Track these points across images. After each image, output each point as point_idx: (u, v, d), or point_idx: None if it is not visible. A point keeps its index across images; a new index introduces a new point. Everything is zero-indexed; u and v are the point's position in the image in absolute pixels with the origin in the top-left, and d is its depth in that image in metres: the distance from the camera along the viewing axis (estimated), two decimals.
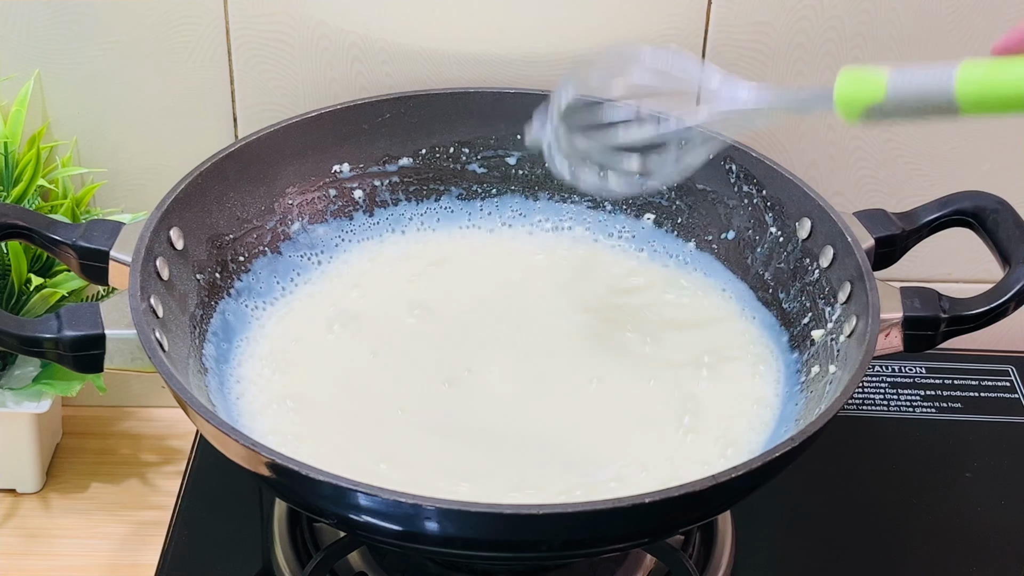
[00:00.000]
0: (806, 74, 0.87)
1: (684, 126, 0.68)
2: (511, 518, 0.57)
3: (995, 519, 0.85)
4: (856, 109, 0.62)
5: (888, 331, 0.69)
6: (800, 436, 0.61)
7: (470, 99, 0.85)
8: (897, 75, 0.61)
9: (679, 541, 0.79)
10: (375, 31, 0.85)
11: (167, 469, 0.91)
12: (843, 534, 0.83)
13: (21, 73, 0.84)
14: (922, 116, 0.61)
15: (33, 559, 0.84)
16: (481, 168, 0.86)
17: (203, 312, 0.74)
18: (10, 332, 0.65)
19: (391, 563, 0.78)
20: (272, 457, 0.58)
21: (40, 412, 0.84)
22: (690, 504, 0.60)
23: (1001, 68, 0.59)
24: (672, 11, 0.85)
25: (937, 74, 0.60)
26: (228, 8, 0.83)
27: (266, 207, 0.81)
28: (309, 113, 0.82)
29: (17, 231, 0.71)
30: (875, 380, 0.95)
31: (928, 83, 0.60)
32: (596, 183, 0.71)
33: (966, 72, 0.59)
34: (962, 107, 0.59)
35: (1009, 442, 0.91)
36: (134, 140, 0.88)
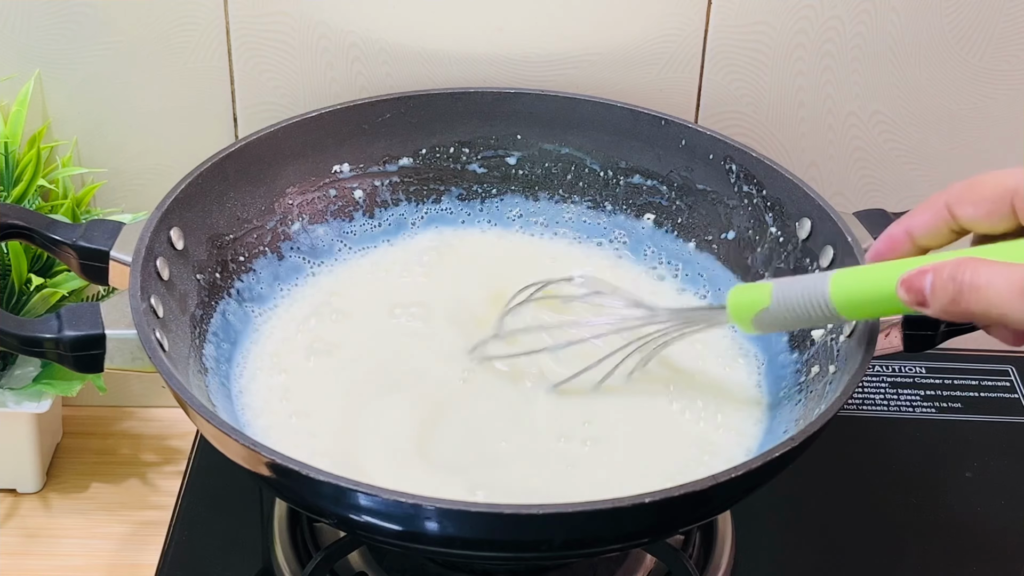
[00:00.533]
0: (806, 74, 0.87)
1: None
2: (511, 518, 0.57)
3: (995, 519, 0.85)
4: (747, 316, 0.66)
5: (888, 331, 0.69)
6: (800, 436, 0.61)
7: (470, 99, 0.85)
8: (780, 283, 0.65)
9: (679, 541, 0.79)
10: (375, 31, 0.85)
11: (167, 469, 0.91)
12: (843, 534, 0.83)
13: (21, 73, 0.84)
14: (812, 323, 0.65)
15: (33, 559, 0.84)
16: (481, 168, 0.86)
17: (203, 312, 0.74)
18: (10, 332, 0.65)
19: (391, 563, 0.78)
20: (272, 457, 0.58)
21: (40, 412, 0.84)
22: (690, 504, 0.60)
23: (867, 274, 0.62)
24: (672, 11, 0.85)
25: (814, 280, 0.63)
26: (228, 8, 0.83)
27: (266, 207, 0.81)
28: (309, 113, 0.82)
29: (17, 231, 0.71)
30: (875, 380, 0.95)
31: (807, 289, 0.63)
32: None
33: (837, 280, 0.62)
34: (840, 311, 0.62)
35: (1009, 442, 0.91)
36: (134, 140, 0.88)
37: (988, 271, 0.56)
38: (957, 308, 0.57)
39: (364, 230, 0.84)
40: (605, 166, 0.85)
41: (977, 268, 0.56)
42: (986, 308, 0.55)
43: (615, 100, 0.84)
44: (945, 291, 0.57)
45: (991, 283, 0.55)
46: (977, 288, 0.56)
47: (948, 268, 0.57)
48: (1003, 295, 0.55)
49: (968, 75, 0.87)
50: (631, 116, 0.84)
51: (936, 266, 0.58)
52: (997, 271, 0.55)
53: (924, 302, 0.58)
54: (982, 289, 0.55)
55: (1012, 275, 0.55)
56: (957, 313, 0.57)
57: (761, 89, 0.88)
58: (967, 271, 0.56)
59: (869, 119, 0.89)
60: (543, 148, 0.86)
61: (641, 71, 0.87)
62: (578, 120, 0.85)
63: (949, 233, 0.61)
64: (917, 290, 0.58)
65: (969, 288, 0.56)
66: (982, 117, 0.89)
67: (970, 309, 0.56)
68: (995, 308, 0.55)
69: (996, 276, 0.55)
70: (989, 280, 0.55)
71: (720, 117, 0.89)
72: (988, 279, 0.55)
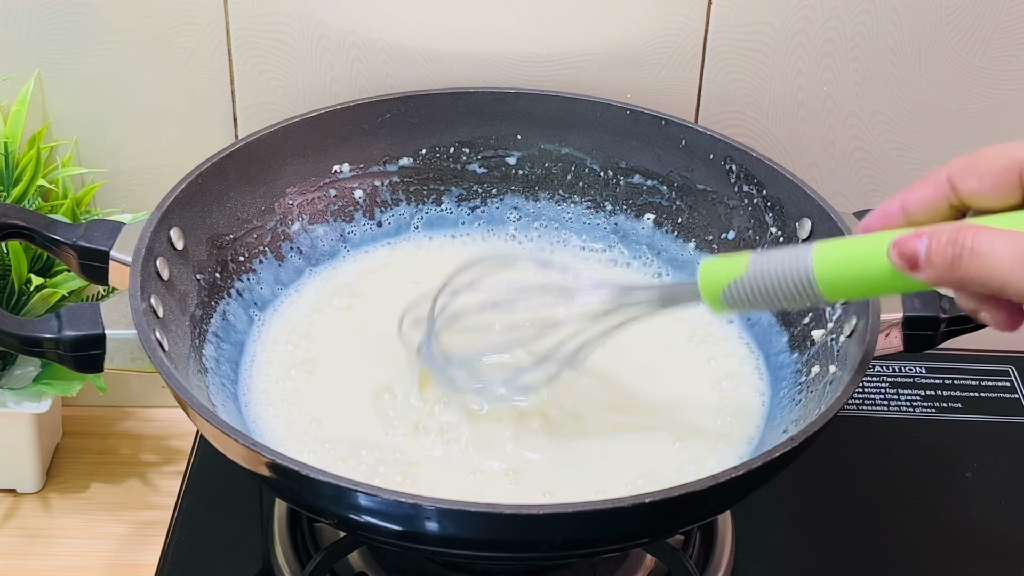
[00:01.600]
0: (806, 74, 0.87)
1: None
2: (511, 518, 0.57)
3: (995, 519, 0.85)
4: (718, 288, 0.61)
5: (888, 331, 0.69)
6: (800, 436, 0.61)
7: (470, 99, 0.85)
8: (758, 254, 0.60)
9: (679, 541, 0.79)
10: (375, 31, 0.85)
11: (167, 469, 0.91)
12: (843, 534, 0.83)
13: (21, 73, 0.84)
14: (790, 301, 0.59)
15: (33, 559, 0.84)
16: (481, 168, 0.86)
17: (203, 312, 0.74)
18: (10, 332, 0.65)
19: (391, 563, 0.78)
20: (272, 457, 0.58)
21: (40, 412, 0.84)
22: (690, 504, 0.60)
23: (854, 245, 0.58)
24: (672, 11, 0.85)
25: (796, 251, 0.59)
26: (228, 8, 0.83)
27: (266, 207, 0.81)
28: (309, 113, 0.82)
29: (17, 231, 0.71)
30: (875, 380, 0.95)
31: (786, 260, 0.59)
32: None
33: (821, 250, 0.58)
34: (821, 286, 0.58)
35: (1009, 442, 0.91)
36: (134, 140, 0.88)
37: (991, 236, 0.53)
38: (954, 274, 0.54)
39: (364, 230, 0.84)
40: (605, 166, 0.85)
41: (979, 233, 0.53)
42: (987, 275, 0.53)
43: (615, 100, 0.84)
44: (943, 255, 0.54)
45: (993, 249, 0.53)
46: (979, 253, 0.53)
47: (948, 232, 0.54)
48: (1005, 262, 0.52)
49: (968, 75, 0.87)
50: (631, 116, 0.84)
51: (933, 229, 0.55)
52: (1001, 237, 0.53)
53: (917, 265, 0.55)
54: (984, 255, 0.53)
55: (1016, 242, 0.52)
56: (953, 280, 0.54)
57: (761, 89, 0.88)
58: (968, 235, 0.53)
59: (869, 119, 0.89)
60: (543, 148, 0.86)
61: (641, 71, 0.87)
62: (578, 120, 0.85)
63: (948, 209, 0.58)
64: (910, 253, 0.55)
65: (970, 253, 0.53)
66: (982, 117, 0.89)
67: (968, 276, 0.53)
68: (996, 276, 0.52)
69: (999, 242, 0.53)
70: (992, 246, 0.53)
71: (720, 117, 0.89)
72: (991, 245, 0.53)
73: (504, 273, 0.70)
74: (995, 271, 0.53)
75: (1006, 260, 0.52)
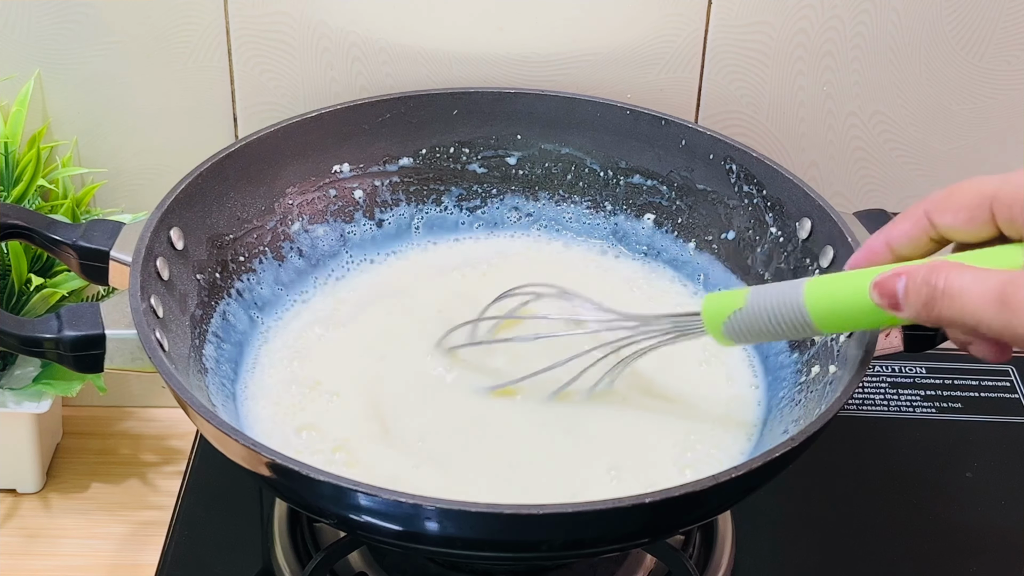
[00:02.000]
0: (806, 74, 0.87)
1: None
2: (511, 518, 0.57)
3: (995, 519, 0.85)
4: (720, 320, 0.64)
5: (888, 331, 0.69)
6: (800, 436, 0.61)
7: (470, 99, 0.85)
8: (757, 288, 0.63)
9: (679, 541, 0.79)
10: (375, 31, 0.85)
11: (167, 469, 0.91)
12: (843, 534, 0.83)
13: (21, 73, 0.84)
14: (787, 333, 0.62)
15: (33, 559, 0.84)
16: (481, 168, 0.86)
17: (203, 312, 0.74)
18: (10, 332, 0.65)
19: (391, 563, 0.78)
20: (272, 457, 0.58)
21: (40, 412, 0.84)
22: (690, 504, 0.60)
23: (841, 281, 0.60)
24: (672, 11, 0.85)
25: (790, 286, 0.62)
26: (228, 8, 0.83)
27: (266, 207, 0.81)
28: (309, 113, 0.82)
29: (17, 231, 0.71)
30: (875, 380, 0.95)
31: (782, 294, 0.62)
32: None
33: (812, 286, 0.61)
34: (814, 319, 0.61)
35: (1009, 442, 0.91)
36: (134, 140, 0.88)
37: (962, 276, 0.54)
38: (930, 313, 0.55)
39: (364, 231, 0.84)
40: (605, 166, 0.85)
41: (951, 273, 0.55)
42: (960, 315, 0.54)
43: (615, 100, 0.84)
44: (918, 295, 0.55)
45: (965, 289, 0.54)
46: (951, 294, 0.54)
47: (923, 272, 0.56)
48: (977, 302, 0.53)
49: (968, 75, 0.87)
50: (631, 116, 0.84)
51: (910, 269, 0.56)
52: (972, 276, 0.54)
53: (897, 305, 0.57)
54: (956, 295, 0.54)
55: (987, 281, 0.53)
56: (930, 319, 0.56)
57: (761, 89, 0.88)
58: (942, 276, 0.55)
59: (869, 119, 0.89)
60: (543, 148, 0.86)
61: (641, 71, 0.87)
62: (578, 120, 0.85)
63: (929, 242, 0.60)
64: (890, 292, 0.57)
65: (943, 293, 0.54)
66: (982, 117, 0.89)
67: (943, 315, 0.55)
68: (969, 315, 0.54)
69: (971, 282, 0.54)
70: (963, 285, 0.54)
71: (720, 117, 0.89)
72: (962, 284, 0.54)
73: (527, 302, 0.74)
74: (967, 310, 0.54)
75: (977, 299, 0.53)
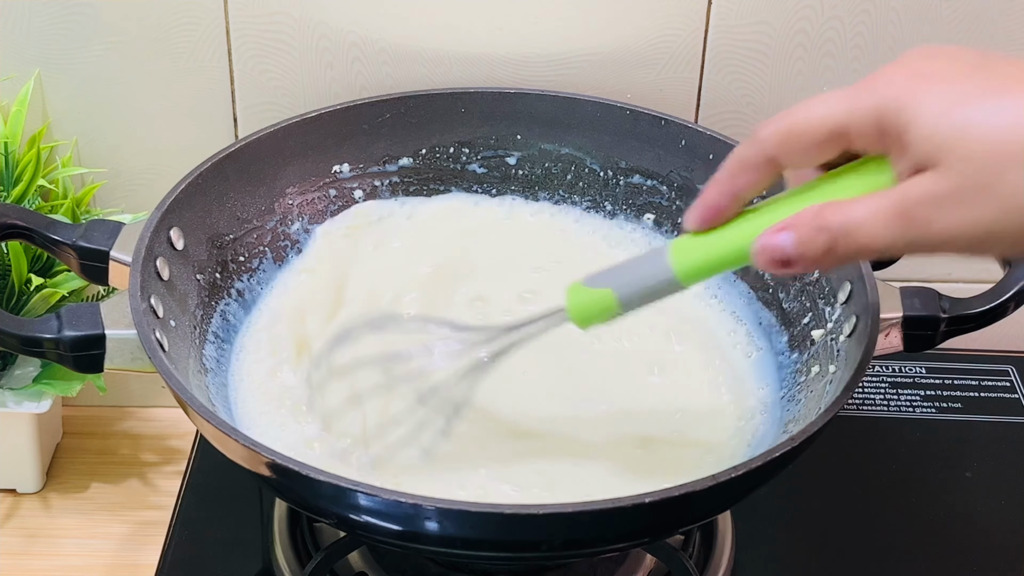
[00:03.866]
0: (806, 74, 0.87)
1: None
2: (511, 518, 0.57)
3: (995, 519, 0.85)
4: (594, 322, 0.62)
5: (888, 331, 0.69)
6: (800, 436, 0.61)
7: (470, 99, 0.85)
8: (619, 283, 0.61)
9: (679, 541, 0.79)
10: (375, 31, 0.85)
11: (167, 469, 0.91)
12: (843, 534, 0.83)
13: (21, 73, 0.84)
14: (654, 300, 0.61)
15: (33, 559, 0.84)
16: (481, 168, 0.86)
17: (203, 312, 0.74)
18: (10, 332, 0.65)
19: (391, 563, 0.78)
20: (272, 457, 0.58)
21: (40, 412, 0.84)
22: (690, 504, 0.60)
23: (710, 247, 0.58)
24: (672, 11, 0.85)
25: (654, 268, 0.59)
26: (228, 8, 0.83)
27: (266, 207, 0.81)
28: (309, 113, 0.82)
29: (17, 231, 0.71)
30: (875, 380, 0.95)
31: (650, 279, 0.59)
32: None
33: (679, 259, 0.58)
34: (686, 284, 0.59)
35: (1009, 442, 0.91)
36: (134, 140, 0.88)
37: (854, 210, 0.51)
38: (832, 258, 0.52)
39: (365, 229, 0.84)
40: (605, 166, 0.85)
41: (840, 212, 0.51)
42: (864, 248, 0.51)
43: (615, 100, 0.84)
44: (814, 244, 0.52)
45: (863, 221, 0.51)
46: (850, 231, 0.51)
47: (809, 219, 0.52)
48: (879, 230, 0.50)
49: None
50: (631, 116, 0.84)
51: (791, 222, 0.53)
52: (864, 207, 0.51)
53: (789, 262, 0.53)
54: (855, 231, 0.51)
55: (881, 205, 0.50)
56: (829, 264, 0.53)
57: (761, 89, 0.88)
58: (832, 218, 0.52)
59: None
60: (543, 148, 0.86)
61: (641, 71, 0.87)
62: (578, 120, 0.85)
63: (773, 180, 0.56)
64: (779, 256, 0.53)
65: (843, 235, 0.51)
66: None
67: (846, 255, 0.52)
68: (875, 245, 0.51)
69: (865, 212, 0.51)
70: (859, 218, 0.51)
71: (720, 117, 0.89)
72: (858, 218, 0.51)
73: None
74: (870, 241, 0.51)
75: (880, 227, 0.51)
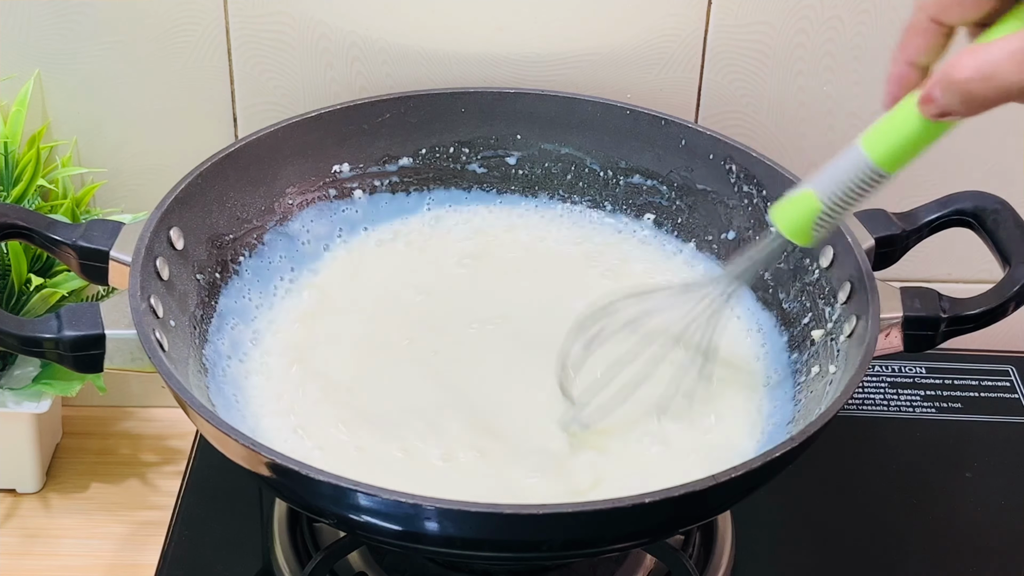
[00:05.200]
0: (806, 74, 0.87)
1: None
2: (511, 518, 0.57)
3: (995, 519, 0.85)
4: (807, 230, 0.64)
5: (888, 331, 0.69)
6: (800, 436, 0.61)
7: (470, 99, 0.85)
8: (819, 182, 0.63)
9: (679, 541, 0.79)
10: (375, 31, 0.85)
11: (167, 469, 0.91)
12: (843, 534, 0.83)
13: (21, 73, 0.84)
14: (862, 199, 0.63)
15: (33, 559, 0.84)
16: (481, 168, 0.86)
17: (203, 312, 0.74)
18: (10, 332, 0.65)
19: (391, 563, 0.78)
20: (272, 457, 0.58)
21: (40, 412, 0.84)
22: (690, 504, 0.60)
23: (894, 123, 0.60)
24: (672, 11, 0.85)
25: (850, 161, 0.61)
26: (228, 8, 0.83)
27: (266, 207, 0.81)
28: (309, 113, 0.82)
29: (17, 231, 0.71)
30: (875, 380, 0.95)
31: (848, 171, 0.62)
32: None
33: (871, 145, 0.61)
34: (887, 170, 0.61)
35: (1009, 442, 0.91)
36: (134, 140, 0.88)
37: (987, 53, 0.54)
38: (979, 101, 0.55)
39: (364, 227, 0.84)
40: (605, 166, 0.85)
41: (970, 57, 0.54)
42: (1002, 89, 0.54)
43: (615, 100, 0.84)
44: (958, 92, 0.55)
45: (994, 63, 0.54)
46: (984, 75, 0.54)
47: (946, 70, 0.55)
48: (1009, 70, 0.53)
49: None
50: (631, 116, 0.84)
51: (938, 77, 0.56)
52: (996, 50, 0.54)
53: (948, 112, 0.57)
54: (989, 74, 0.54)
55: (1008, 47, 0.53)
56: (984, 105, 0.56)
57: (761, 89, 0.88)
58: (965, 66, 0.54)
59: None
60: (543, 148, 0.86)
61: (641, 71, 0.87)
62: (578, 120, 0.85)
63: (945, 40, 0.59)
64: (937, 107, 0.57)
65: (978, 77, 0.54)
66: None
67: (988, 97, 0.55)
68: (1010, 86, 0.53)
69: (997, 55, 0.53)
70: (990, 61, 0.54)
71: (720, 117, 0.89)
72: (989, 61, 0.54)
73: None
74: (1004, 82, 0.54)
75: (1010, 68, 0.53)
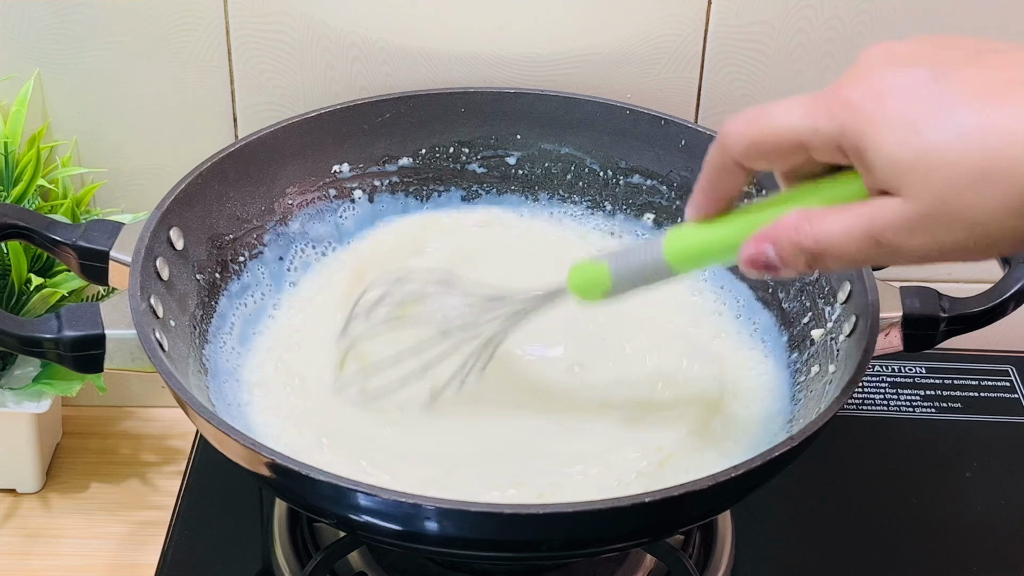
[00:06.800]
0: (806, 73, 0.87)
1: None
2: (511, 518, 0.57)
3: (995, 519, 0.85)
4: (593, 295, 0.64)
5: (888, 331, 0.69)
6: (800, 436, 0.61)
7: (470, 99, 0.85)
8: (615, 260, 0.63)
9: (679, 541, 0.79)
10: (375, 31, 0.85)
11: (167, 469, 0.91)
12: (843, 534, 0.83)
13: (21, 73, 0.84)
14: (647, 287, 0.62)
15: (33, 559, 0.84)
16: (481, 168, 0.86)
17: (203, 312, 0.74)
18: (10, 332, 0.65)
19: (391, 563, 0.78)
20: (272, 457, 0.58)
21: (40, 412, 0.84)
22: (690, 504, 0.60)
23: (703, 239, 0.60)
24: (672, 11, 0.85)
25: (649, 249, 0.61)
26: (228, 8, 0.83)
27: (266, 207, 0.81)
28: (309, 113, 0.82)
29: (17, 231, 0.71)
30: (875, 380, 0.96)
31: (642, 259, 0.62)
32: None
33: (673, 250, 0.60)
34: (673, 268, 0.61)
35: (1009, 442, 0.91)
36: (134, 140, 0.88)
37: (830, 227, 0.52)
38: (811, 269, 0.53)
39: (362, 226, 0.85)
40: (605, 166, 0.85)
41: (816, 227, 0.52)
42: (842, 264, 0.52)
43: (615, 100, 0.84)
44: (796, 259, 0.53)
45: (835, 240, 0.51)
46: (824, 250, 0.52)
47: (786, 234, 0.53)
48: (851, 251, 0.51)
49: None
50: (631, 116, 0.84)
51: (773, 235, 0.54)
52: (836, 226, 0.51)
53: (776, 269, 0.54)
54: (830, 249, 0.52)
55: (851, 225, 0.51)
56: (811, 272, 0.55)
57: (761, 89, 0.88)
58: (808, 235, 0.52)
59: None
60: (543, 148, 0.86)
61: (641, 71, 0.87)
62: (578, 120, 0.85)
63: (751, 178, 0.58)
64: (764, 262, 0.55)
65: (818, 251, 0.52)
66: None
67: (828, 267, 0.53)
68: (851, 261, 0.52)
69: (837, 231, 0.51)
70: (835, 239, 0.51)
71: (720, 117, 0.89)
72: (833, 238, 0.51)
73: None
74: (848, 259, 0.52)
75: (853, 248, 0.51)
